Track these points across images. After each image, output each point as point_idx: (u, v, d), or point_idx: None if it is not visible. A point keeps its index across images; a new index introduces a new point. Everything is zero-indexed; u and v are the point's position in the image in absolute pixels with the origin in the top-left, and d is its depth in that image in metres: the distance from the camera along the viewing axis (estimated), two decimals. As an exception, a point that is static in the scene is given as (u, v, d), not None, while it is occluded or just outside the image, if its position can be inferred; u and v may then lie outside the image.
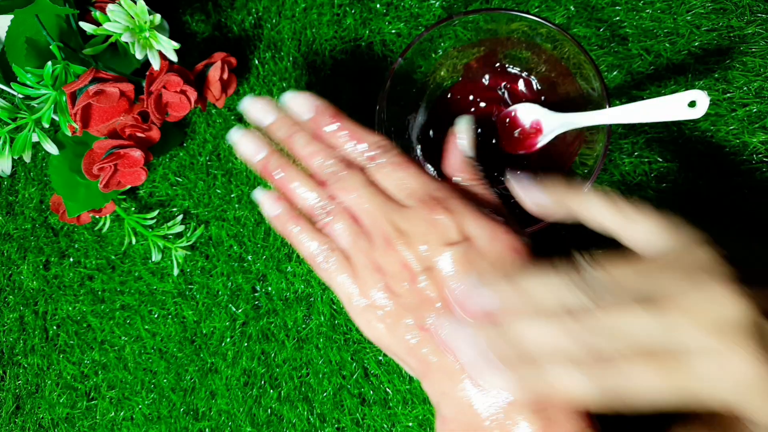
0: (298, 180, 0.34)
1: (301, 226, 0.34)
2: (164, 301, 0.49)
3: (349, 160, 0.34)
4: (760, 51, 0.42)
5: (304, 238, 0.34)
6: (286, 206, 0.35)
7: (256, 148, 0.35)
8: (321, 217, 0.33)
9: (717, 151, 0.42)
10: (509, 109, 0.41)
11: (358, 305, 0.32)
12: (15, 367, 0.52)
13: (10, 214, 0.53)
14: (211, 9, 0.51)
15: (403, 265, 0.31)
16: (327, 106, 0.35)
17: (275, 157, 0.35)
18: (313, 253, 0.33)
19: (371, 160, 0.33)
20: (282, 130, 0.35)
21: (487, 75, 0.43)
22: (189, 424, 0.47)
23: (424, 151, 0.43)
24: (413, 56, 0.40)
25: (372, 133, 0.34)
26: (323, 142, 0.34)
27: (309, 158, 0.34)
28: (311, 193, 0.34)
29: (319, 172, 0.34)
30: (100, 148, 0.44)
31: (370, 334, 0.32)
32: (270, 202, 0.35)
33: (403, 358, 0.32)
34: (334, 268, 0.33)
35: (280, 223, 0.35)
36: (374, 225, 0.32)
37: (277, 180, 0.35)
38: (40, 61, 0.42)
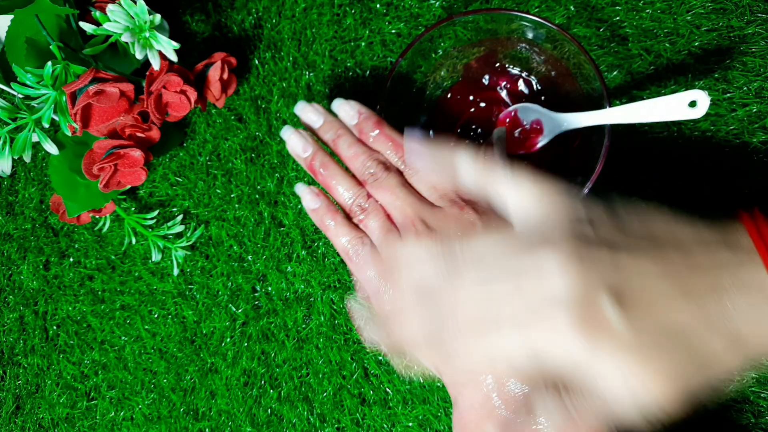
0: (339, 178, 0.37)
1: (337, 220, 0.36)
2: (164, 301, 0.49)
3: (388, 164, 0.36)
4: (760, 51, 0.42)
5: (339, 232, 0.36)
6: (325, 201, 0.37)
7: (305, 145, 0.38)
8: (357, 213, 0.36)
9: (717, 151, 0.42)
10: (509, 109, 0.41)
11: (385, 298, 0.33)
12: (15, 367, 0.52)
13: (10, 214, 0.53)
14: (211, 9, 0.51)
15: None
16: (371, 114, 0.38)
17: (320, 155, 0.37)
18: (346, 246, 0.36)
19: (407, 165, 0.36)
20: (330, 133, 0.38)
21: (487, 75, 0.43)
22: (189, 424, 0.47)
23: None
24: (413, 56, 0.40)
25: None
26: (366, 146, 0.37)
27: (352, 159, 0.37)
28: (351, 191, 0.36)
29: (360, 172, 0.36)
30: (100, 148, 0.44)
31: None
32: (311, 196, 0.38)
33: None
34: (364, 261, 0.35)
35: (318, 216, 0.37)
36: (405, 220, 0.34)
37: (321, 175, 0.37)
38: (40, 61, 0.42)
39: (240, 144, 0.49)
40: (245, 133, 0.49)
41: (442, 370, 0.32)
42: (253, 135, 0.49)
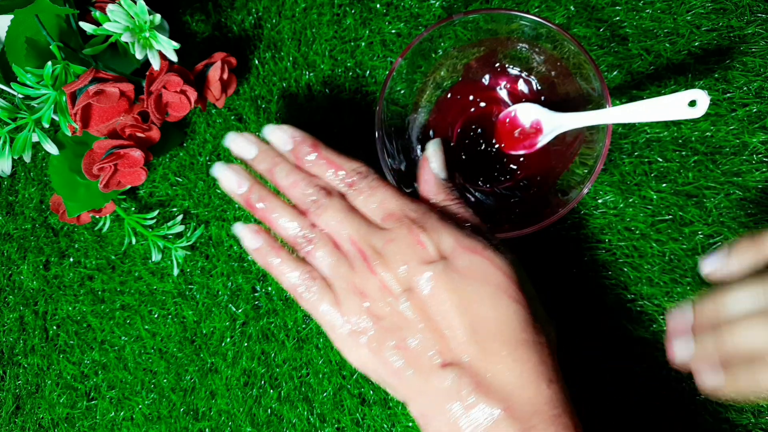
0: (279, 210, 0.35)
1: (282, 257, 0.35)
2: (164, 301, 0.49)
3: (329, 188, 0.34)
4: (760, 51, 0.42)
5: (284, 269, 0.34)
6: (266, 238, 0.35)
7: (239, 180, 0.36)
8: (303, 246, 0.34)
9: (717, 151, 0.42)
10: (509, 109, 0.41)
11: (342, 332, 0.32)
12: (15, 367, 0.52)
13: (10, 214, 0.53)
14: (211, 9, 0.51)
15: (384, 287, 0.31)
16: (305, 137, 0.36)
17: (257, 189, 0.36)
18: (295, 283, 0.34)
19: (350, 186, 0.34)
20: (264, 163, 0.36)
21: (487, 75, 0.43)
22: (189, 424, 0.47)
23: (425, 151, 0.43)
24: (413, 56, 0.40)
25: (350, 160, 0.35)
26: (304, 172, 0.35)
27: (290, 188, 0.35)
28: (292, 222, 0.34)
29: (300, 200, 0.35)
30: (100, 148, 0.44)
31: (354, 361, 0.33)
32: (250, 236, 0.36)
33: (389, 381, 0.32)
34: (316, 297, 0.33)
35: (260, 255, 0.35)
36: (353, 248, 0.33)
37: (259, 211, 0.35)
38: (40, 61, 0.42)
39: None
40: (245, 133, 0.49)
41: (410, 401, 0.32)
42: (253, 135, 0.49)
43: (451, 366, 0.30)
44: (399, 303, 0.31)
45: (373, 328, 0.32)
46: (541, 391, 0.29)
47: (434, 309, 0.30)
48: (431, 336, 0.30)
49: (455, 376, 0.29)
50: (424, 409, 0.31)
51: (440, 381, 0.30)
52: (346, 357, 0.33)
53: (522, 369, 0.29)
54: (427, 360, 0.30)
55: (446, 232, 0.31)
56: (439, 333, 0.30)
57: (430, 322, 0.30)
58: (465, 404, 0.29)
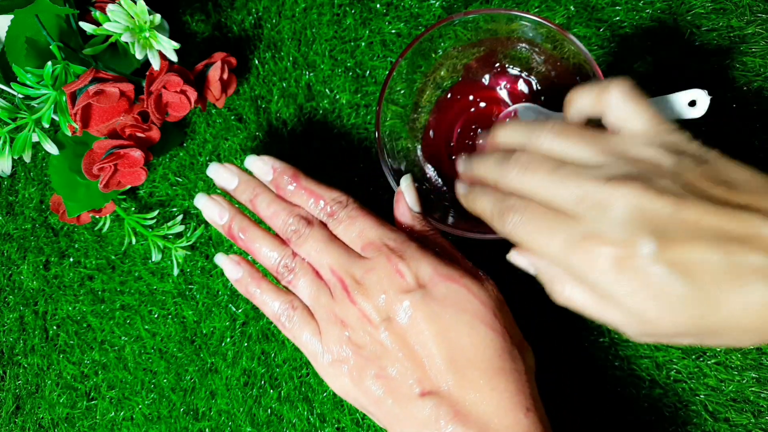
0: (261, 240, 0.36)
1: (263, 287, 0.35)
2: (164, 301, 0.49)
3: (310, 218, 0.35)
4: (760, 51, 0.42)
5: (266, 299, 0.35)
6: (247, 269, 0.36)
7: (220, 211, 0.37)
8: (285, 275, 0.35)
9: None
10: (509, 109, 0.41)
11: (323, 362, 0.33)
12: (15, 367, 0.52)
13: (10, 214, 0.53)
14: (211, 9, 0.51)
15: (364, 316, 0.32)
16: (285, 168, 0.36)
17: (238, 219, 0.36)
18: (277, 313, 0.35)
19: (330, 215, 0.35)
20: (246, 193, 0.37)
21: (487, 75, 0.43)
22: (189, 424, 0.47)
23: (425, 152, 0.43)
24: (413, 56, 0.40)
25: (330, 190, 0.36)
26: (285, 202, 0.36)
27: (272, 218, 0.36)
28: (273, 252, 0.35)
29: (282, 230, 0.35)
30: (100, 148, 0.44)
31: (337, 389, 0.33)
32: (231, 266, 0.37)
33: (370, 409, 0.32)
34: (298, 327, 0.34)
35: (242, 286, 0.36)
36: (334, 277, 0.33)
37: (241, 240, 0.36)
38: (40, 61, 0.42)
39: (240, 144, 0.49)
40: (245, 133, 0.49)
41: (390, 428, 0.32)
42: (253, 135, 0.49)
43: (429, 395, 0.30)
44: (379, 332, 0.31)
45: (354, 357, 0.32)
46: (519, 420, 0.29)
47: (413, 338, 0.31)
48: (410, 365, 0.31)
49: (433, 404, 0.30)
50: None
51: (419, 410, 0.30)
52: (329, 385, 0.33)
53: (500, 398, 0.30)
54: (406, 389, 0.31)
55: (425, 260, 0.32)
56: (417, 362, 0.31)
57: (409, 351, 0.31)
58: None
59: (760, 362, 0.39)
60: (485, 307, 0.31)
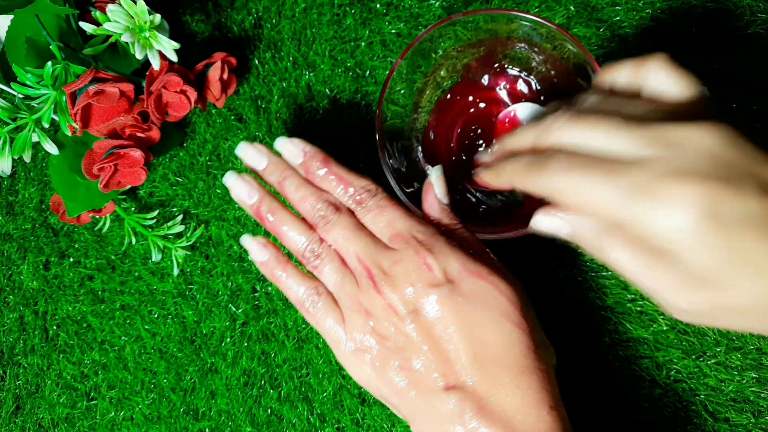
0: (289, 222, 0.35)
1: (288, 271, 0.35)
2: (164, 301, 0.49)
3: (338, 204, 0.35)
4: (760, 51, 0.42)
5: (291, 283, 0.35)
6: (273, 252, 0.36)
7: (249, 191, 0.36)
8: (311, 260, 0.34)
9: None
10: (509, 109, 0.41)
11: (346, 349, 0.33)
12: (15, 367, 0.52)
13: (10, 214, 0.53)
14: (211, 9, 0.51)
15: (390, 307, 0.32)
16: (316, 152, 0.36)
17: (267, 201, 0.36)
18: (301, 298, 0.34)
19: (359, 203, 0.35)
20: (275, 175, 0.36)
21: (486, 75, 0.43)
22: (189, 424, 0.47)
23: (425, 152, 0.43)
24: (413, 56, 0.40)
25: (360, 177, 0.35)
26: (314, 186, 0.35)
27: (300, 202, 0.35)
28: (301, 237, 0.35)
29: (309, 215, 0.35)
30: (100, 148, 0.44)
31: (358, 377, 0.33)
32: (258, 248, 0.36)
33: (391, 400, 0.32)
34: (321, 313, 0.34)
35: (268, 269, 0.36)
36: (360, 266, 0.33)
37: (269, 222, 0.36)
38: (40, 61, 0.42)
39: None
40: (245, 133, 0.49)
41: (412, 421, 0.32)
42: (253, 135, 0.49)
43: (454, 389, 0.30)
44: (404, 324, 0.31)
45: (377, 348, 0.32)
46: (542, 417, 0.29)
47: (439, 332, 0.31)
48: (435, 358, 0.31)
49: (458, 399, 0.30)
50: (426, 429, 0.31)
51: (443, 403, 0.30)
52: (349, 373, 0.33)
53: (524, 395, 0.29)
54: (430, 382, 0.30)
55: (453, 255, 0.32)
56: (443, 356, 0.31)
57: (434, 345, 0.31)
58: (467, 427, 0.29)
59: (760, 362, 0.39)
60: (512, 305, 0.31)
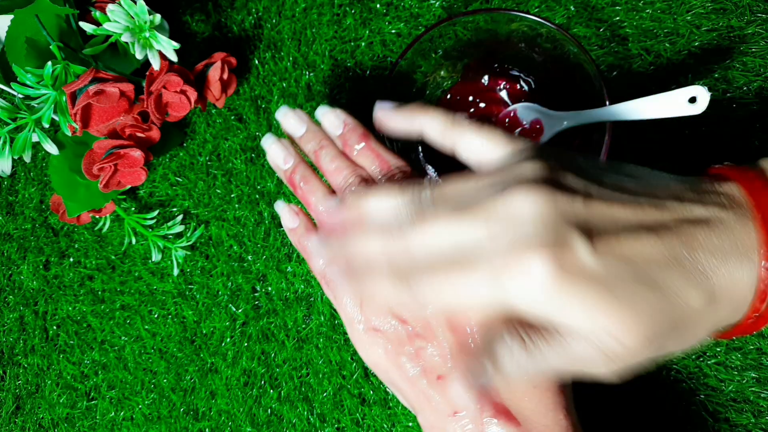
0: (320, 193, 0.35)
1: (314, 241, 0.34)
2: (164, 301, 0.49)
3: (371, 181, 0.34)
4: (760, 51, 0.42)
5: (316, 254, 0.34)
6: (303, 220, 0.36)
7: (285, 156, 0.36)
8: None
9: (717, 151, 0.42)
10: (509, 109, 0.41)
11: (360, 328, 0.32)
12: (15, 367, 0.52)
13: (10, 214, 0.53)
14: (211, 9, 0.51)
15: None
16: (356, 125, 0.35)
17: (301, 168, 0.35)
18: (323, 270, 0.34)
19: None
20: (312, 143, 0.36)
21: (486, 75, 0.43)
22: (189, 424, 0.47)
23: (425, 152, 0.43)
24: (413, 56, 0.40)
25: (397, 158, 0.35)
26: (349, 160, 0.35)
27: (333, 174, 0.35)
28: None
29: (341, 188, 0.34)
30: (100, 148, 0.44)
31: (367, 358, 0.32)
32: (289, 215, 0.36)
33: (400, 386, 0.31)
34: (342, 288, 0.33)
35: (296, 236, 0.36)
36: None
37: (300, 190, 0.35)
38: (40, 61, 0.42)
39: (240, 144, 0.49)
40: (245, 133, 0.49)
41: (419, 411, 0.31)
42: (253, 135, 0.49)
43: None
44: (424, 309, 0.30)
45: (393, 330, 0.31)
46: (558, 420, 0.29)
47: (459, 320, 0.30)
48: (451, 348, 0.30)
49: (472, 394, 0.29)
50: (435, 422, 0.30)
51: (455, 397, 0.29)
52: (359, 353, 0.33)
53: (541, 397, 0.29)
54: (444, 372, 0.30)
55: None
56: (460, 346, 0.30)
57: (453, 334, 0.30)
58: (479, 424, 0.29)
59: (761, 362, 0.39)
60: None
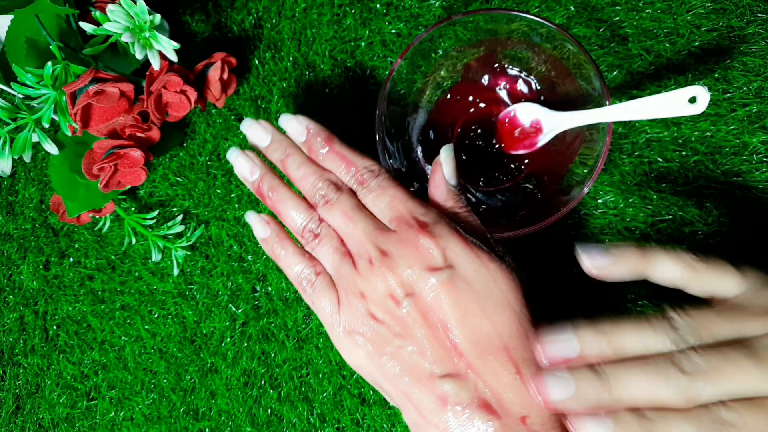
0: (289, 201, 0.35)
1: (288, 249, 0.35)
2: (164, 301, 0.49)
3: (340, 184, 0.34)
4: (760, 51, 0.42)
5: (290, 261, 0.34)
6: (275, 229, 0.36)
7: (252, 167, 0.36)
8: (309, 239, 0.34)
9: (717, 151, 0.42)
10: (509, 109, 0.41)
11: (340, 332, 0.32)
12: (15, 367, 0.52)
13: (10, 214, 0.53)
14: (211, 9, 0.51)
15: (386, 290, 0.31)
16: (319, 130, 0.35)
17: (269, 178, 0.36)
18: (299, 276, 0.34)
19: (360, 184, 0.34)
20: (278, 153, 0.36)
21: (486, 75, 0.43)
22: (189, 424, 0.47)
23: (425, 152, 0.43)
24: (413, 56, 0.40)
25: (363, 157, 0.35)
26: (316, 165, 0.35)
27: (301, 180, 0.35)
28: (300, 215, 0.34)
29: (310, 194, 0.34)
30: (100, 148, 0.44)
31: (351, 361, 0.32)
32: (261, 225, 0.36)
33: (384, 386, 0.31)
34: (318, 293, 0.33)
35: (268, 245, 0.36)
36: (359, 247, 0.32)
37: (269, 199, 0.35)
38: (40, 61, 0.42)
39: (240, 144, 0.49)
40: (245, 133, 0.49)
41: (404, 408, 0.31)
42: (253, 135, 0.49)
43: (449, 377, 0.29)
44: (400, 308, 0.30)
45: (372, 332, 0.31)
46: (541, 410, 0.29)
47: (435, 318, 0.30)
48: (430, 345, 0.30)
49: (453, 387, 0.29)
50: (417, 418, 0.30)
51: (436, 391, 0.29)
52: (342, 356, 0.33)
53: (522, 388, 0.29)
54: (424, 369, 0.30)
55: (454, 240, 0.31)
56: (438, 342, 0.30)
57: (430, 331, 0.30)
58: (460, 417, 0.29)
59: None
60: (512, 294, 0.30)
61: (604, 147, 0.36)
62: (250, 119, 0.37)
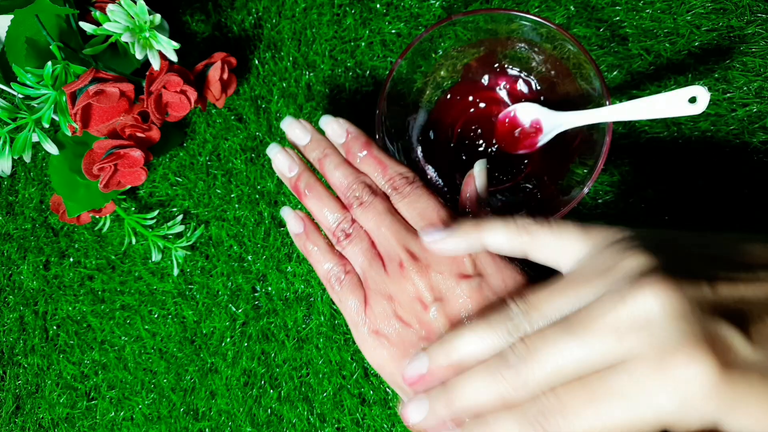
0: (324, 201, 0.35)
1: (320, 246, 0.35)
2: (164, 301, 0.49)
3: (374, 188, 0.35)
4: (760, 51, 0.42)
5: (321, 258, 0.35)
6: (308, 226, 0.36)
7: (290, 164, 0.37)
8: (341, 239, 0.35)
9: (717, 151, 0.42)
10: (509, 109, 0.41)
11: (364, 331, 0.33)
12: (15, 367, 0.52)
13: (10, 214, 0.53)
14: (211, 9, 0.51)
15: (415, 294, 0.31)
16: (359, 134, 0.36)
17: (306, 176, 0.36)
18: (328, 274, 0.35)
19: (395, 189, 0.35)
20: (316, 152, 0.37)
21: (486, 75, 0.43)
22: (189, 424, 0.47)
23: (425, 152, 0.43)
24: (413, 56, 0.40)
25: (399, 164, 0.35)
26: (352, 167, 0.36)
27: (337, 181, 0.35)
28: (334, 215, 0.35)
29: (345, 195, 0.35)
30: (100, 148, 0.44)
31: (372, 360, 0.33)
32: (295, 220, 0.37)
33: (405, 388, 0.31)
34: (346, 291, 0.34)
35: (301, 241, 0.36)
36: (390, 250, 0.33)
37: (305, 197, 0.36)
38: (40, 61, 0.42)
39: (240, 144, 0.49)
40: (245, 133, 0.49)
41: None
42: (253, 135, 0.49)
43: None
44: (427, 312, 0.31)
45: (397, 334, 0.32)
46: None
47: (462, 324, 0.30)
48: None
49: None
50: None
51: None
52: (364, 355, 0.33)
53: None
54: None
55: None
56: None
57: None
58: None
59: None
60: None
61: (604, 147, 0.36)
62: (290, 117, 0.38)
